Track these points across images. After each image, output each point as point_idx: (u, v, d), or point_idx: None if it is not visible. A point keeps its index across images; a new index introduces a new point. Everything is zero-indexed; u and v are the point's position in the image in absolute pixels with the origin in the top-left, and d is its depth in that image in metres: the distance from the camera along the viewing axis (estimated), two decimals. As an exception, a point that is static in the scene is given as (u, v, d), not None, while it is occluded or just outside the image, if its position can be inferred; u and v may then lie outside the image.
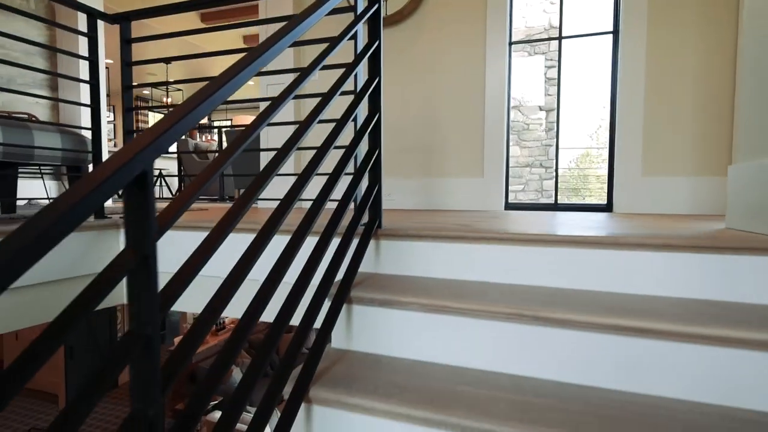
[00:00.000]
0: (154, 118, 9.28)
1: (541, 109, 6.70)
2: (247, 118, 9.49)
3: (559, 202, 2.97)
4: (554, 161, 5.54)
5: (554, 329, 1.06)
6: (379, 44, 1.48)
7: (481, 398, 0.97)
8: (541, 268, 1.30)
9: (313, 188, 2.96)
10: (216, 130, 7.65)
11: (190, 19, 6.78)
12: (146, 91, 10.23)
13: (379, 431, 0.98)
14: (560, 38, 3.06)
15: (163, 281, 0.69)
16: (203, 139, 8.72)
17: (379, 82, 1.46)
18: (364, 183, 1.51)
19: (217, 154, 0.86)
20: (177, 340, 6.67)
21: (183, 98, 9.38)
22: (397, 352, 1.21)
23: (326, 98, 1.23)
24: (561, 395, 0.98)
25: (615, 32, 2.81)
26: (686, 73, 2.58)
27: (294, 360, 1.07)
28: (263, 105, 4.29)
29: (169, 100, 8.98)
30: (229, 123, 9.17)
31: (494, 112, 2.94)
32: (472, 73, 2.98)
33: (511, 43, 3.00)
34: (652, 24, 2.64)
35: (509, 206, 2.98)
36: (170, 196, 7.30)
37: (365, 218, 1.50)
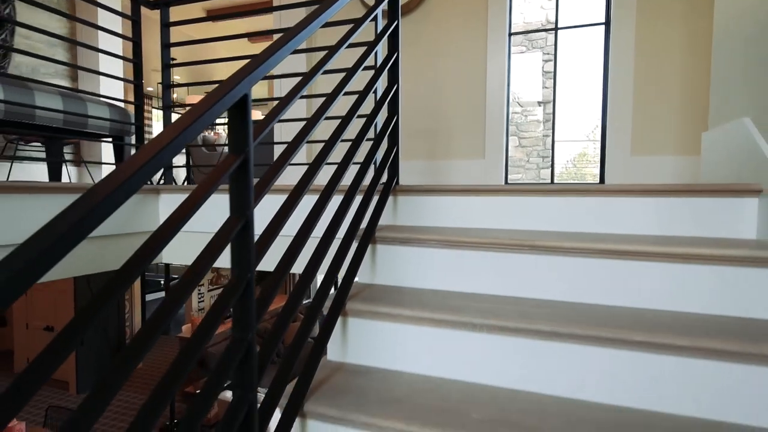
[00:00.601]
0: (157, 115, 9.46)
1: (539, 104, 6.93)
2: (255, 114, 9.63)
3: (555, 182, 3.19)
4: (551, 149, 5.77)
5: (550, 254, 1.27)
6: (398, 24, 1.69)
7: (481, 306, 1.18)
8: (537, 214, 1.51)
9: (337, 154, 3.16)
10: (221, 127, 7.85)
11: (197, 14, 6.95)
12: (150, 88, 10.38)
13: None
14: (556, 29, 3.28)
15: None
16: (210, 133, 8.89)
17: (397, 57, 1.67)
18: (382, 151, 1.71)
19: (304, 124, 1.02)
20: (185, 328, 6.86)
21: (186, 96, 9.56)
22: (418, 285, 1.41)
23: (352, 71, 1.43)
24: (560, 309, 1.19)
25: (607, 23, 3.03)
26: (673, 59, 2.80)
27: (322, 301, 1.26)
28: (282, 86, 4.47)
29: (175, 95, 9.15)
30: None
31: (495, 97, 3.15)
32: (475, 61, 3.19)
33: (510, 34, 3.22)
34: (641, 14, 2.86)
35: (509, 185, 3.20)
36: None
37: (384, 178, 1.71)
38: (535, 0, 5.98)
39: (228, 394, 4.82)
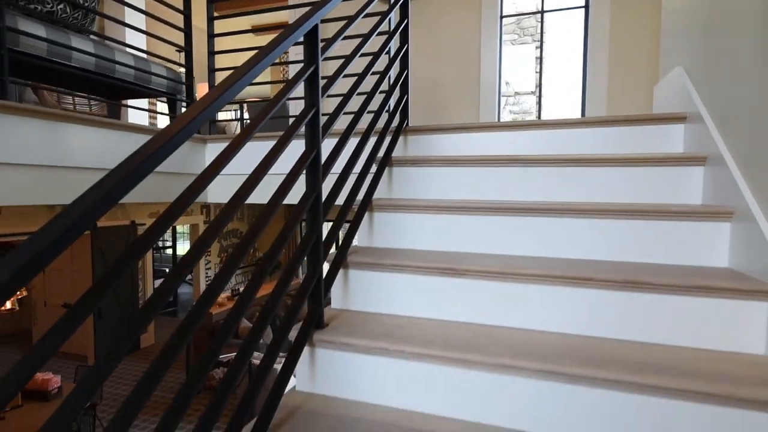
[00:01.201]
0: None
1: (532, 93, 7.34)
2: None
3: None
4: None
5: (529, 166, 1.67)
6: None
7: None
8: (522, 143, 1.92)
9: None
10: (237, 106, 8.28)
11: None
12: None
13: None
14: (542, 12, 3.69)
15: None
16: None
17: (407, 23, 2.07)
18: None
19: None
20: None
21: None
22: (423, 195, 1.81)
23: (375, 57, 1.80)
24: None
25: (586, 6, 3.45)
26: (642, 36, 3.21)
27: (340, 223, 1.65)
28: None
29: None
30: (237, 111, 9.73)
31: (488, 74, 3.56)
32: (470, 41, 3.60)
33: (501, 17, 3.63)
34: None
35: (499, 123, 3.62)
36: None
37: (396, 121, 2.10)
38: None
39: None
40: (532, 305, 1.23)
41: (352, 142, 1.60)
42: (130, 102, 3.28)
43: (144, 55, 2.18)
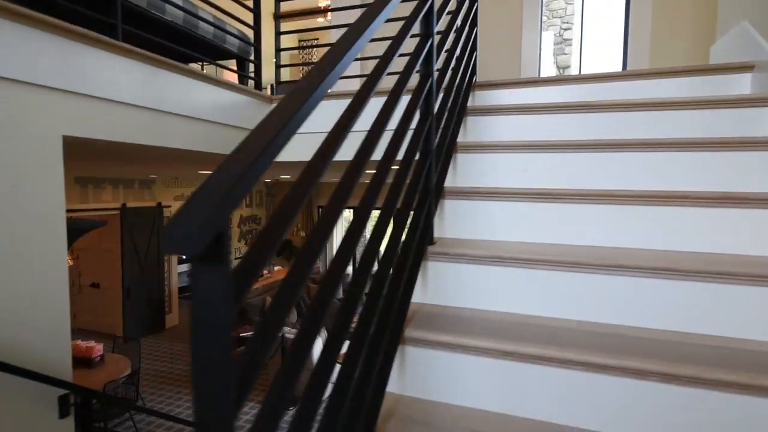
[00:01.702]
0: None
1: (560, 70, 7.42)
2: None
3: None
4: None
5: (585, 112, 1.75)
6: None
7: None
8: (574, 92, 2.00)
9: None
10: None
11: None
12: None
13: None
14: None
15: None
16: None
17: (477, 6, 2.17)
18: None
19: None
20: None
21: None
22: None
23: (454, 15, 1.89)
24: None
25: (626, -19, 3.49)
26: None
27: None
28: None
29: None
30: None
31: (529, 54, 3.63)
32: (511, 23, 3.66)
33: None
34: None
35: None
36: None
37: (467, 77, 2.19)
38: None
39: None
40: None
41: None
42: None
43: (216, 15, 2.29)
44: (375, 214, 1.03)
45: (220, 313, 0.50)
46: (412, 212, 1.28)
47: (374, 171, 1.04)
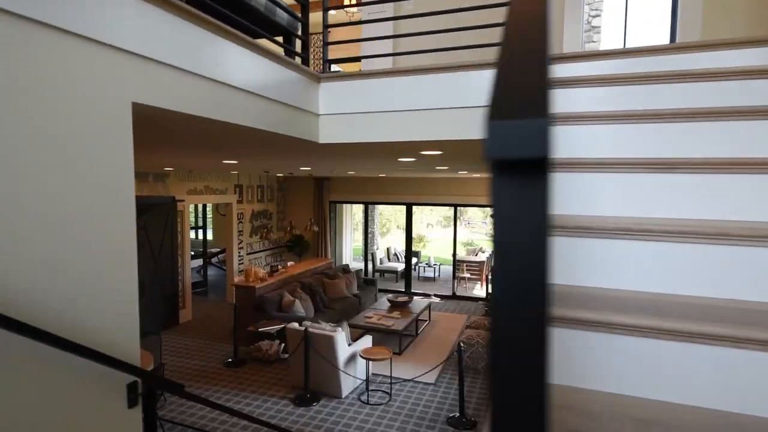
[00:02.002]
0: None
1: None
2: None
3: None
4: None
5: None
6: None
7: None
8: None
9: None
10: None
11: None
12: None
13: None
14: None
15: None
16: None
17: None
18: None
19: None
20: (238, 279, 7.22)
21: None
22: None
23: None
24: None
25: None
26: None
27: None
28: None
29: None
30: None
31: (572, 30, 3.52)
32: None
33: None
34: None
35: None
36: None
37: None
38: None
39: (296, 326, 5.21)
40: None
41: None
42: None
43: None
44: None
45: (539, 245, 0.38)
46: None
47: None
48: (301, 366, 5.13)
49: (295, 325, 5.25)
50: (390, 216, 19.48)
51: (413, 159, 4.20)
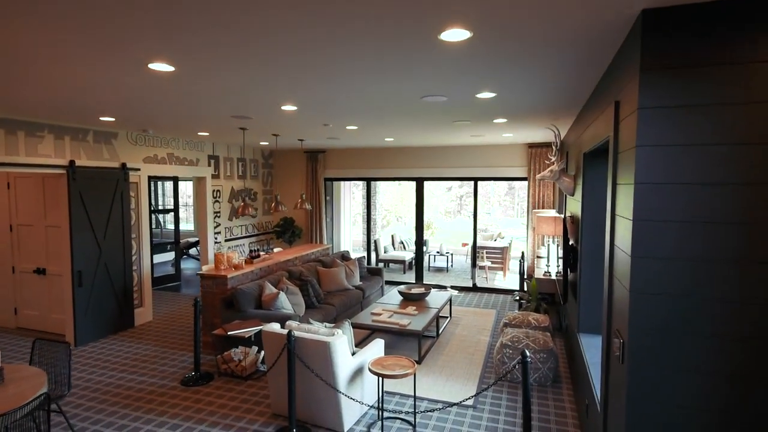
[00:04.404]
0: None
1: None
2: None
3: None
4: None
5: None
6: None
7: None
8: None
9: None
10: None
11: None
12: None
13: None
14: None
15: None
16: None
17: None
18: None
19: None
20: (206, 268, 5.64)
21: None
22: None
23: None
24: None
25: None
26: None
27: None
28: None
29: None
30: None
31: None
32: None
33: None
34: None
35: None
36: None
37: None
38: None
39: (276, 326, 3.62)
40: None
41: None
42: None
43: None
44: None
45: None
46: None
47: None
48: (283, 385, 3.53)
49: (275, 326, 3.65)
50: (390, 207, 17.86)
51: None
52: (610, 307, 2.20)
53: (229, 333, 4.32)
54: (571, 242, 4.30)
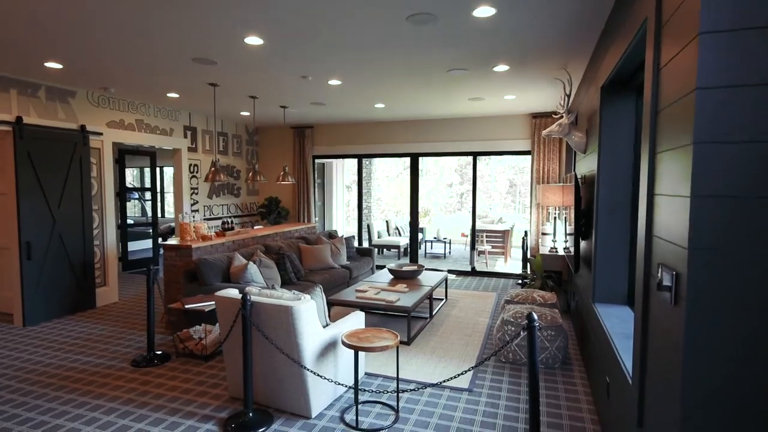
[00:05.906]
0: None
1: None
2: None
3: None
4: None
5: None
6: None
7: None
8: None
9: None
10: None
11: None
12: None
13: None
14: None
15: None
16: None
17: None
18: None
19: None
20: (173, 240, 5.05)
21: None
22: None
23: None
24: None
25: None
26: None
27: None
28: None
29: None
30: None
31: None
32: None
33: None
34: None
35: None
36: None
37: None
38: None
39: (233, 292, 3.02)
40: None
41: None
42: None
43: None
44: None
45: None
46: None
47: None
48: (241, 362, 2.94)
49: (230, 291, 3.05)
50: (389, 201, 17.23)
51: None
52: (649, 234, 1.62)
53: (186, 306, 3.73)
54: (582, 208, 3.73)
